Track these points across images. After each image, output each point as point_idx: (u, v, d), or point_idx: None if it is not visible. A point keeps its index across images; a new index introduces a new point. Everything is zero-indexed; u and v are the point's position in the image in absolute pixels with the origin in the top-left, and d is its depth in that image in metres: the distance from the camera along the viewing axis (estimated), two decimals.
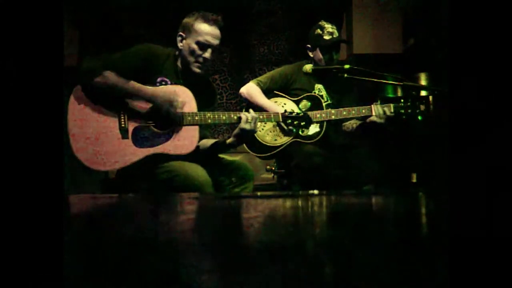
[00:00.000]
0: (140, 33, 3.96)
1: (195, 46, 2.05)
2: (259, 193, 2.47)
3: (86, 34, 4.12)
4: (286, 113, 2.16)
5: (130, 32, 4.02)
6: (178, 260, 0.67)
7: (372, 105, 2.51)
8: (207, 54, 2.05)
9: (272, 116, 2.14)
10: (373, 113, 2.49)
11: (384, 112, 2.47)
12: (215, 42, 2.07)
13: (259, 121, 2.09)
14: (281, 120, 2.15)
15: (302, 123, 2.16)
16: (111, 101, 1.93)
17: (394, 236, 0.86)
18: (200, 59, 2.06)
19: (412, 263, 0.64)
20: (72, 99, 1.92)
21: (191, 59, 2.06)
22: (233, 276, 0.58)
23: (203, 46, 2.05)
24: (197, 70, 2.07)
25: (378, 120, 2.48)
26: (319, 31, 2.66)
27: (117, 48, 2.04)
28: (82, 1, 3.97)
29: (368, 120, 2.54)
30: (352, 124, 2.68)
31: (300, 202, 1.52)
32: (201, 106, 2.13)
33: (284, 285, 0.55)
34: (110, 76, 1.90)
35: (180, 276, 0.59)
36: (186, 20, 2.10)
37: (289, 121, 2.16)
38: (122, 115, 1.95)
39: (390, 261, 0.66)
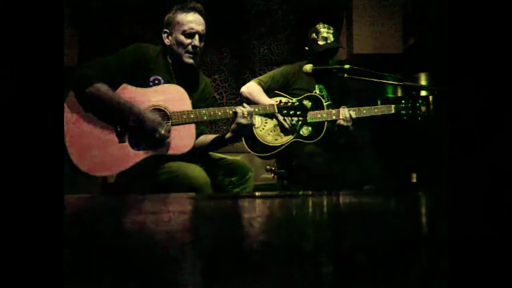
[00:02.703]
0: (140, 32, 3.96)
1: (182, 37, 2.06)
2: (259, 193, 2.47)
3: (86, 34, 4.12)
4: (281, 104, 2.14)
5: (130, 32, 4.02)
6: (177, 260, 0.67)
7: (340, 109, 2.52)
8: (196, 41, 2.07)
9: (267, 107, 2.13)
10: (340, 116, 2.50)
11: (350, 116, 2.49)
12: (200, 28, 2.08)
13: (255, 114, 2.09)
14: (276, 111, 2.13)
15: (298, 112, 2.15)
16: (102, 112, 1.91)
17: (394, 236, 0.86)
18: (190, 48, 2.07)
19: (412, 263, 0.64)
20: (66, 105, 1.89)
21: (181, 50, 2.07)
22: (233, 277, 0.58)
23: (189, 35, 2.06)
24: (190, 61, 2.08)
25: (345, 124, 2.50)
26: (314, 35, 2.65)
27: (117, 48, 2.04)
28: (82, 1, 3.97)
29: (336, 123, 2.54)
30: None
31: (300, 202, 1.52)
32: (196, 101, 2.13)
33: (284, 285, 0.55)
34: (102, 89, 1.88)
35: (179, 276, 0.59)
36: (167, 16, 2.13)
37: (285, 111, 2.14)
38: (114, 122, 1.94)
39: (390, 261, 0.66)
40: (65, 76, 1.85)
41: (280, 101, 2.16)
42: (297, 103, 2.15)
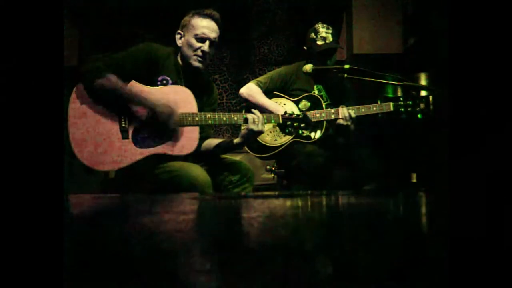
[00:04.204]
0: (140, 32, 3.96)
1: (193, 41, 2.08)
2: (259, 193, 2.47)
3: (86, 34, 4.12)
4: (286, 115, 2.15)
5: (130, 32, 4.02)
6: (177, 260, 0.67)
7: (339, 108, 2.51)
8: (205, 47, 2.08)
9: (272, 117, 2.14)
10: (339, 116, 2.50)
11: (350, 115, 2.48)
12: (212, 35, 2.10)
13: None
14: (281, 121, 2.15)
15: (301, 125, 2.16)
16: (111, 104, 1.92)
17: (394, 236, 0.86)
18: (199, 52, 2.08)
19: (412, 263, 0.64)
20: (72, 98, 1.90)
21: (190, 53, 2.09)
22: (233, 277, 0.58)
23: (200, 39, 2.08)
24: (197, 64, 2.09)
25: (344, 123, 2.49)
26: (313, 35, 2.65)
27: (117, 47, 2.04)
28: (82, 1, 3.97)
29: (336, 122, 2.53)
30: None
31: (300, 202, 1.52)
32: (202, 105, 2.14)
33: (284, 286, 0.55)
34: (112, 80, 1.89)
35: (179, 276, 0.59)
36: (184, 19, 2.15)
37: (289, 122, 2.15)
38: (122, 115, 1.95)
39: (390, 261, 0.66)
40: (68, 74, 1.85)
41: (285, 112, 2.17)
42: (302, 115, 2.16)
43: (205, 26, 2.09)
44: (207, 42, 2.08)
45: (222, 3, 4.08)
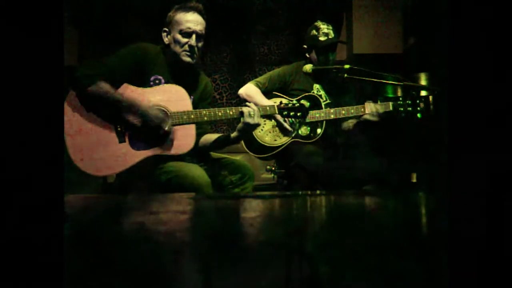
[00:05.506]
0: (140, 32, 3.96)
1: (179, 36, 2.06)
2: (259, 193, 2.47)
3: (86, 34, 4.12)
4: (282, 105, 2.14)
5: (129, 32, 4.02)
6: (177, 259, 0.67)
7: (366, 103, 2.51)
8: (192, 41, 2.06)
9: (268, 108, 2.13)
10: (366, 111, 2.50)
11: (377, 110, 2.48)
12: (198, 27, 2.08)
13: None
14: (276, 112, 2.13)
15: (298, 114, 2.15)
16: (104, 111, 1.92)
17: (394, 236, 0.86)
18: (186, 47, 2.06)
19: (412, 263, 0.64)
20: (66, 105, 1.89)
21: (178, 49, 2.07)
22: (233, 276, 0.58)
23: (186, 34, 2.06)
24: (187, 59, 2.08)
25: (372, 118, 2.49)
26: (314, 32, 2.65)
27: (116, 48, 2.03)
28: (82, 1, 3.97)
29: (362, 118, 2.54)
30: (349, 124, 2.69)
31: (299, 202, 1.52)
32: (196, 101, 2.13)
33: (284, 285, 0.55)
34: (104, 87, 1.88)
35: (179, 275, 0.59)
36: (168, 15, 2.13)
37: (285, 112, 2.14)
38: (116, 121, 1.94)
39: (389, 261, 0.66)
40: (66, 76, 1.84)
41: (281, 102, 2.16)
42: (298, 104, 2.15)
43: (189, 20, 2.06)
44: (194, 36, 2.06)
45: (223, 3, 4.09)
